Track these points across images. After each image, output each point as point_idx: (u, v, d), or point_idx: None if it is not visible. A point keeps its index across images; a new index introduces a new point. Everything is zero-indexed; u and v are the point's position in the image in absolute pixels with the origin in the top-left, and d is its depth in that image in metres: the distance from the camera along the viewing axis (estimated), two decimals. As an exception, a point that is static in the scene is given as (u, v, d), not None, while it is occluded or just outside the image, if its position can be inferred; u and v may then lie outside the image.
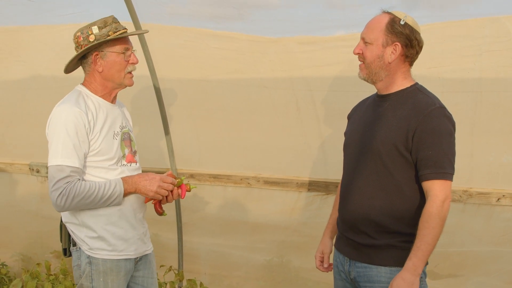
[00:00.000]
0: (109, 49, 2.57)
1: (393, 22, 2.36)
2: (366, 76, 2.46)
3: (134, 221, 2.66)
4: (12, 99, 4.37)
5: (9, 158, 4.60)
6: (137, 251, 2.68)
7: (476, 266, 3.41)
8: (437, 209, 2.28)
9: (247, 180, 3.87)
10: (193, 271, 4.23)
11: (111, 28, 2.56)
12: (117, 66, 2.59)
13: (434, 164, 2.30)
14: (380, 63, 2.40)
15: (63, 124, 2.48)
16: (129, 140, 2.73)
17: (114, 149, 2.61)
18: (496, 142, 3.15)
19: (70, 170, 2.46)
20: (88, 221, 2.58)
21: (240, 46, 3.51)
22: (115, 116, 2.67)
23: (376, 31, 2.39)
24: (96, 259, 2.58)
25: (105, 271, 2.59)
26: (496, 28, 2.92)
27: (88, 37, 2.54)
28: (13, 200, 4.68)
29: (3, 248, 4.44)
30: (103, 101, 2.64)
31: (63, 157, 2.46)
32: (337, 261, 2.63)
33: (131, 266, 2.68)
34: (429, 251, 2.30)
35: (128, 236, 2.64)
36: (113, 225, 2.59)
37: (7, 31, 4.08)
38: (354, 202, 2.47)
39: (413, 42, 2.38)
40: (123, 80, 2.63)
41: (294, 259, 3.90)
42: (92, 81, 2.63)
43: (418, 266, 2.29)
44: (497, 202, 3.23)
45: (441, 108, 2.35)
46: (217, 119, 3.84)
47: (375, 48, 2.39)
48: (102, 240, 2.58)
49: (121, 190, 2.53)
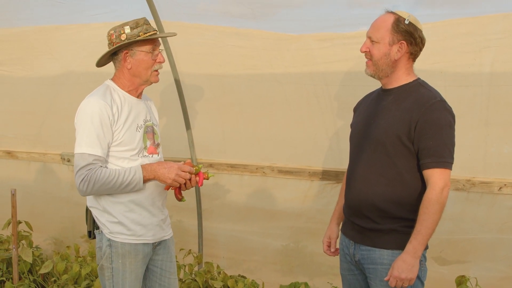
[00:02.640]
0: (138, 48, 2.62)
1: (398, 21, 2.41)
2: (373, 72, 2.51)
3: (153, 209, 2.71)
4: (48, 94, 4.45)
5: (42, 149, 4.70)
6: (155, 237, 2.73)
7: (481, 252, 3.42)
8: (437, 196, 2.32)
9: (262, 170, 3.91)
10: (212, 255, 4.28)
11: (142, 29, 2.61)
12: (144, 64, 2.64)
13: (434, 154, 2.34)
14: (387, 61, 2.45)
15: (89, 115, 2.54)
16: (152, 133, 2.76)
17: (136, 141, 2.65)
18: (497, 133, 3.16)
19: (93, 158, 2.52)
20: (109, 207, 2.64)
21: (254, 44, 3.54)
22: (139, 110, 2.72)
23: (383, 31, 2.43)
24: (115, 242, 2.64)
25: (123, 253, 2.65)
26: (494, 25, 2.94)
27: (120, 36, 2.60)
28: (47, 187, 4.77)
29: (37, 232, 4.49)
30: (129, 96, 2.69)
31: (87, 146, 2.52)
32: (343, 244, 2.69)
33: (149, 250, 2.73)
34: (428, 235, 2.35)
35: (146, 222, 2.69)
36: (131, 212, 2.65)
37: (40, 30, 4.16)
38: (359, 189, 2.52)
39: (417, 40, 2.43)
40: (149, 77, 2.67)
41: (310, 245, 3.94)
42: (121, 76, 2.69)
43: (418, 249, 2.34)
44: (499, 191, 3.24)
45: (442, 102, 2.40)
46: (235, 112, 3.88)
47: (382, 47, 2.44)
48: (121, 225, 2.64)
49: (140, 177, 2.58)
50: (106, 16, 3.79)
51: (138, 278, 2.71)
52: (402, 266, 2.34)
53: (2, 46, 4.35)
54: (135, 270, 2.68)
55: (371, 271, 2.51)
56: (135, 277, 2.69)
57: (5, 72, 4.46)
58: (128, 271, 2.66)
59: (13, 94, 4.59)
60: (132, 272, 2.67)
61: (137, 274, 2.70)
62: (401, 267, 2.34)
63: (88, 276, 3.88)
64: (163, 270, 2.83)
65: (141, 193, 2.65)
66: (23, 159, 4.77)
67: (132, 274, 2.67)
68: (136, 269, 2.69)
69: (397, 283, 2.35)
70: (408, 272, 2.33)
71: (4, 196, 3.91)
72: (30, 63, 4.37)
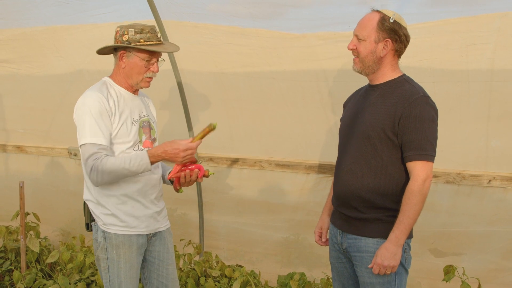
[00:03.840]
0: (136, 53, 2.64)
1: (383, 20, 2.45)
2: (360, 69, 2.55)
3: (145, 201, 2.72)
4: (57, 92, 4.50)
5: (51, 144, 4.75)
6: (148, 228, 2.75)
7: (473, 245, 3.45)
8: (419, 187, 2.36)
9: (260, 163, 3.94)
10: (214, 246, 4.34)
11: (145, 37, 2.62)
12: (137, 69, 2.66)
13: (417, 147, 2.38)
14: (373, 58, 2.49)
15: (87, 107, 2.55)
16: (149, 128, 2.78)
17: (132, 134, 2.67)
18: (485, 128, 3.18)
19: (97, 147, 2.52)
20: (102, 200, 2.67)
21: (251, 42, 3.56)
22: (135, 105, 2.74)
23: (368, 29, 2.47)
24: (109, 234, 2.66)
25: (117, 244, 2.67)
26: (479, 24, 2.96)
27: (123, 36, 2.63)
28: (55, 181, 4.82)
29: (46, 224, 4.58)
30: (125, 91, 2.72)
31: (90, 136, 2.53)
32: (331, 233, 2.74)
33: (144, 241, 2.75)
34: (410, 225, 2.39)
35: (139, 214, 2.70)
36: (124, 204, 2.67)
37: (48, 30, 4.19)
38: (346, 180, 2.57)
39: (401, 37, 2.47)
40: (139, 82, 2.69)
41: (309, 237, 3.91)
42: (117, 73, 2.72)
43: (401, 238, 2.38)
44: (488, 184, 3.26)
45: (425, 97, 2.44)
46: (234, 108, 3.91)
47: (368, 44, 2.48)
48: (114, 217, 2.66)
49: (147, 162, 2.54)
50: (110, 15, 3.82)
51: (133, 268, 2.73)
52: (385, 254, 2.39)
53: (11, 45, 4.40)
54: (129, 260, 2.70)
55: (357, 258, 2.56)
56: (130, 266, 2.71)
57: (14, 70, 4.52)
58: (123, 261, 2.69)
59: (23, 91, 4.65)
60: (127, 262, 2.70)
61: (132, 264, 2.72)
62: (384, 255, 2.39)
63: (93, 265, 3.95)
64: (160, 261, 2.85)
65: (133, 186, 2.67)
66: (32, 153, 4.83)
67: (127, 264, 2.70)
68: (131, 259, 2.71)
69: (380, 270, 2.40)
70: (390, 260, 2.38)
71: (15, 188, 3.98)
72: (38, 61, 4.42)
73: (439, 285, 3.45)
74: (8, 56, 4.49)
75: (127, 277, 2.71)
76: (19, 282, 3.84)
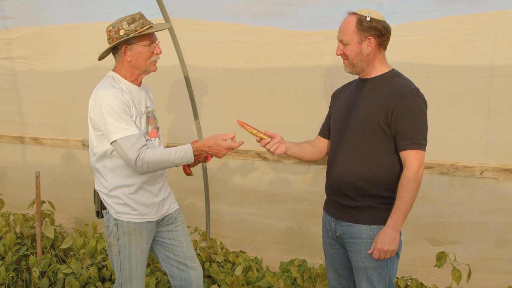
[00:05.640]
0: (137, 42, 2.67)
1: (360, 21, 2.50)
2: (350, 70, 2.62)
3: (154, 190, 2.79)
4: (72, 87, 4.55)
5: (66, 136, 4.82)
6: (157, 214, 2.82)
7: (467, 234, 3.48)
8: (413, 175, 2.41)
9: (263, 155, 3.98)
10: (219, 234, 4.38)
11: (139, 24, 2.66)
12: (143, 56, 2.70)
13: (409, 137, 2.44)
14: (361, 57, 2.55)
15: (108, 104, 2.57)
16: (153, 118, 2.84)
17: (142, 126, 2.72)
18: (478, 122, 3.21)
19: (135, 138, 2.55)
20: (114, 190, 2.72)
21: (256, 39, 3.59)
22: (141, 97, 2.79)
23: (349, 33, 2.53)
24: (121, 222, 2.72)
25: (129, 231, 2.73)
26: (471, 23, 2.99)
27: (119, 32, 2.65)
28: (70, 171, 4.89)
29: (61, 213, 4.63)
30: (131, 85, 2.75)
31: (124, 129, 2.55)
32: (325, 221, 2.79)
33: (153, 227, 2.82)
34: (407, 210, 2.44)
35: (150, 202, 2.77)
36: (135, 193, 2.73)
37: (62, 28, 4.26)
38: (340, 170, 2.61)
39: (382, 30, 2.51)
40: (148, 67, 2.74)
41: (312, 226, 4.01)
42: (122, 68, 2.74)
43: (398, 223, 2.44)
44: (480, 175, 3.30)
45: (415, 89, 2.49)
46: (238, 102, 3.95)
47: (353, 47, 2.54)
48: (126, 206, 2.72)
49: (191, 156, 2.62)
50: (121, 14, 3.87)
51: (143, 253, 2.80)
52: (385, 239, 2.44)
53: (28, 42, 4.48)
54: (140, 245, 2.77)
55: (351, 245, 2.60)
56: (141, 251, 2.78)
57: (31, 66, 4.59)
58: (134, 247, 2.75)
59: (39, 86, 4.72)
60: (138, 247, 2.76)
61: (143, 249, 2.79)
62: (384, 240, 2.44)
63: (104, 250, 4.02)
64: (172, 240, 2.91)
65: (143, 176, 2.73)
66: (48, 145, 4.90)
67: (138, 249, 2.77)
68: (142, 245, 2.78)
69: (381, 254, 2.45)
70: (390, 244, 2.44)
71: (32, 179, 4.05)
72: (54, 58, 4.48)
73: (435, 272, 3.47)
74: (25, 52, 4.57)
75: (137, 262, 2.78)
76: (34, 266, 3.92)
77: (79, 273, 3.78)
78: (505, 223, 3.35)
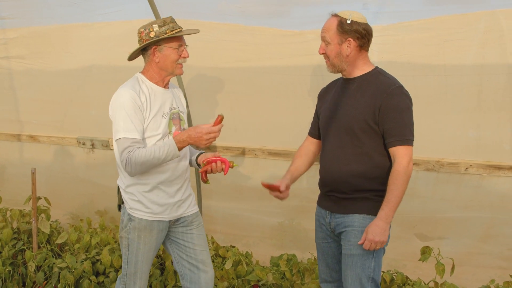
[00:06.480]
0: (166, 44, 2.73)
1: (341, 23, 2.55)
2: (332, 69, 2.67)
3: (170, 191, 2.83)
4: (70, 86, 4.56)
5: (62, 134, 4.83)
6: (171, 215, 2.86)
7: (452, 228, 3.51)
8: (404, 169, 2.47)
9: (254, 152, 3.98)
10: (211, 230, 4.38)
11: (169, 27, 2.72)
12: (171, 58, 2.75)
13: (397, 133, 2.50)
14: (341, 58, 2.60)
15: (121, 104, 2.66)
16: (179, 119, 2.87)
17: (162, 127, 2.76)
18: (462, 119, 3.24)
19: (131, 141, 2.62)
20: (130, 187, 2.80)
21: (246, 39, 3.62)
22: (165, 99, 2.82)
23: (330, 33, 2.58)
24: (134, 217, 2.80)
25: (140, 228, 2.80)
26: (458, 22, 3.03)
27: (149, 33, 2.71)
28: (65, 168, 4.90)
29: (57, 209, 4.64)
30: (156, 86, 2.80)
31: (124, 131, 2.63)
32: (318, 215, 2.83)
33: (164, 226, 2.86)
34: (397, 203, 2.49)
35: (163, 202, 2.82)
36: (150, 192, 2.79)
37: (59, 28, 4.29)
38: (333, 169, 2.67)
39: (362, 33, 2.56)
40: (174, 69, 2.79)
41: (303, 222, 4.02)
42: (149, 69, 2.80)
43: (389, 215, 2.49)
44: (465, 171, 3.32)
45: (400, 87, 2.55)
46: (229, 100, 3.97)
47: (333, 47, 2.59)
48: (140, 203, 2.79)
49: (175, 149, 2.63)
50: (117, 14, 3.92)
51: (151, 250, 2.87)
52: (376, 230, 2.48)
53: (25, 42, 4.50)
54: (148, 242, 2.84)
55: (343, 234, 2.65)
56: (149, 248, 2.85)
57: (28, 65, 4.60)
58: (142, 243, 2.83)
59: (36, 85, 4.73)
60: (146, 244, 2.83)
61: (151, 246, 2.85)
62: (375, 231, 2.48)
63: (98, 245, 4.05)
64: (185, 241, 2.95)
65: (160, 176, 2.78)
66: (44, 143, 4.91)
67: (146, 246, 2.83)
68: (150, 242, 2.84)
69: (371, 245, 2.50)
70: (381, 236, 2.48)
71: (29, 175, 4.07)
72: (50, 57, 4.49)
73: (422, 266, 3.52)
74: (22, 52, 4.59)
75: (144, 258, 2.86)
76: (30, 260, 3.94)
77: (74, 267, 3.81)
78: (489, 218, 3.38)
